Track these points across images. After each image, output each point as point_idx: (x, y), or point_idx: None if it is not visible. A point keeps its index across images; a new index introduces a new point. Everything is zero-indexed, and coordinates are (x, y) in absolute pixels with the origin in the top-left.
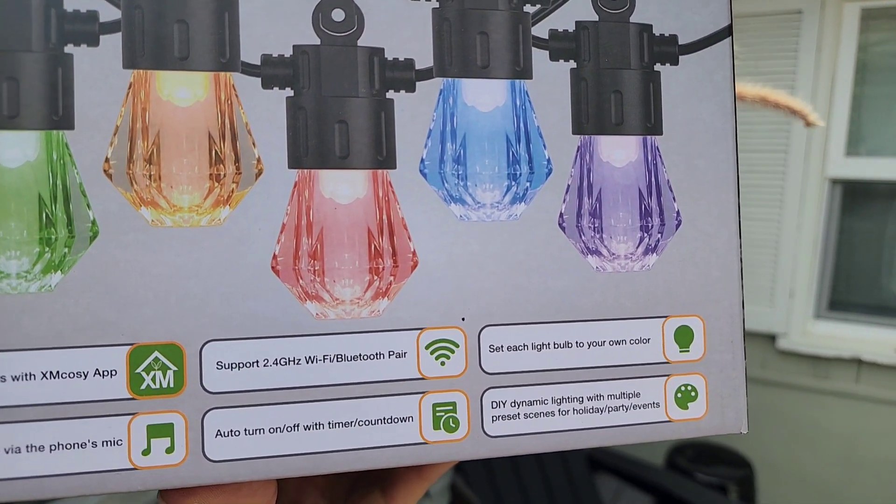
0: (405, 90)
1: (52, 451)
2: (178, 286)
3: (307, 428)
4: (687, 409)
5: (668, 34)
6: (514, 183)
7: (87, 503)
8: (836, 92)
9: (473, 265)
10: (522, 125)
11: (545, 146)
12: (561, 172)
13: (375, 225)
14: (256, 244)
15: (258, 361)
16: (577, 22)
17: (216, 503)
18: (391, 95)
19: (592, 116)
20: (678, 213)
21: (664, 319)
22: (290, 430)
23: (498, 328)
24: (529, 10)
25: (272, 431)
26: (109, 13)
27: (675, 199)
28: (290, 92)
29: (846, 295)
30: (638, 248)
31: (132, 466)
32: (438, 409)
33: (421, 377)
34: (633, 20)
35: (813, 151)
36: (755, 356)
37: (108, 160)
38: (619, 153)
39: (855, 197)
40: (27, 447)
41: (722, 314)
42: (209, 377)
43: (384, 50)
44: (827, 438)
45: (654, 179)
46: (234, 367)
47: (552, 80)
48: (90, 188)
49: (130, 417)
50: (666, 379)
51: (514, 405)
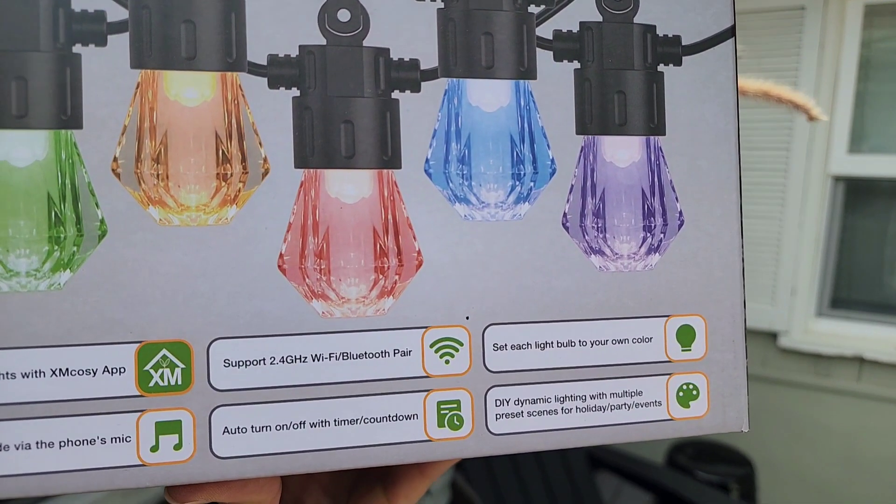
0: (410, 90)
1: (61, 447)
2: (185, 285)
3: (313, 425)
4: (688, 407)
5: (671, 35)
6: (518, 183)
7: (85, 498)
8: (839, 89)
9: (478, 264)
10: (526, 125)
11: (549, 146)
12: (565, 172)
13: (381, 224)
14: (263, 243)
15: (265, 359)
16: (581, 22)
17: (222, 499)
18: (396, 95)
19: (596, 117)
20: (681, 213)
21: (666, 319)
22: (296, 427)
23: (502, 327)
24: (534, 10)
25: (279, 429)
26: (117, 13)
27: (677, 199)
28: (296, 92)
29: (848, 293)
30: (641, 247)
31: (140, 463)
32: (443, 406)
33: (425, 375)
34: (636, 21)
35: (815, 148)
36: (756, 354)
37: (116, 159)
38: (622, 153)
39: (857, 194)
40: (37, 444)
41: (724, 314)
42: (216, 375)
43: (390, 50)
44: (828, 437)
45: (657, 180)
46: (241, 364)
47: (556, 80)
48: (98, 187)
49: (139, 414)
50: (668, 378)
51: (517, 403)
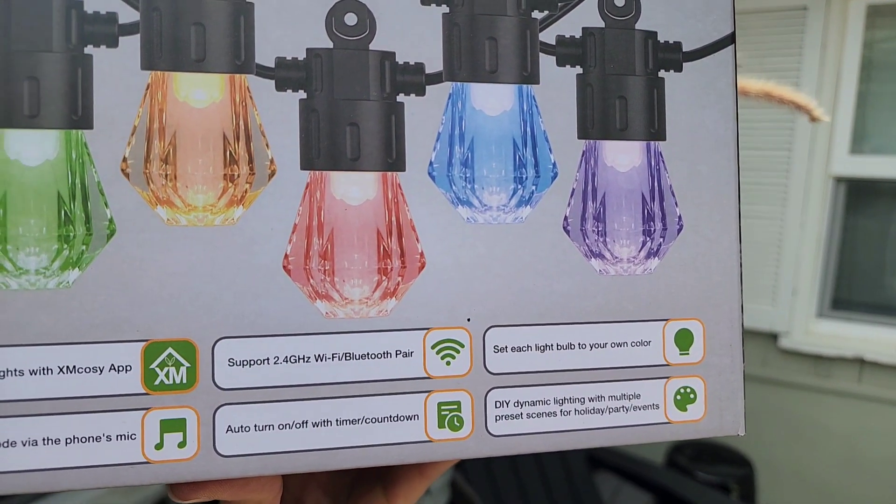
0: (415, 94)
1: (67, 444)
2: (191, 284)
3: (315, 425)
4: (686, 410)
5: (672, 41)
6: (520, 186)
7: (84, 495)
8: (840, 89)
9: (480, 267)
10: (529, 129)
11: (551, 150)
12: (566, 176)
13: (384, 226)
14: (269, 244)
15: (269, 359)
16: (583, 28)
17: (225, 496)
18: (401, 99)
19: (597, 121)
20: (680, 217)
21: (665, 322)
22: (298, 426)
23: (503, 329)
24: (538, 15)
25: (281, 428)
26: (128, 15)
27: (677, 203)
28: (303, 94)
29: (849, 294)
30: (640, 251)
31: (145, 460)
32: (443, 407)
33: (427, 376)
34: (638, 27)
35: (817, 149)
36: (757, 355)
37: (125, 159)
38: (623, 158)
39: (859, 195)
40: (43, 440)
41: (722, 318)
42: (221, 374)
43: (395, 54)
44: (828, 438)
45: (656, 184)
46: (245, 364)
47: (559, 85)
48: (108, 187)
49: (144, 412)
50: (666, 381)
51: (517, 405)
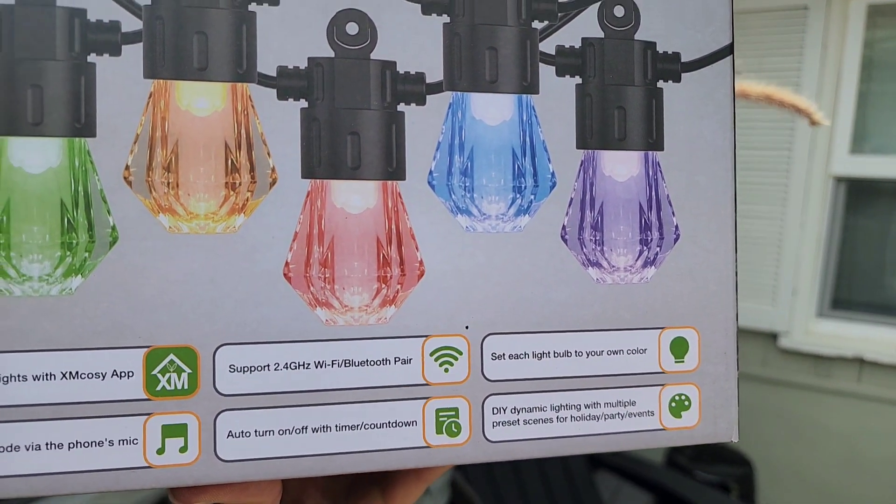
0: (416, 103)
1: (70, 448)
2: (193, 291)
3: (315, 430)
4: (680, 417)
5: (671, 52)
6: (519, 195)
7: (82, 497)
8: (841, 89)
9: (478, 275)
10: (528, 139)
11: (550, 160)
12: (564, 186)
13: (384, 234)
14: (269, 251)
15: (269, 365)
16: (583, 38)
17: (225, 500)
18: (402, 108)
19: (596, 131)
20: (677, 227)
21: (661, 331)
22: (298, 432)
23: (500, 337)
24: (538, 26)
25: (282, 433)
26: (131, 24)
27: (674, 213)
28: (304, 103)
29: (849, 294)
30: (637, 260)
31: (147, 465)
32: (441, 414)
33: (425, 383)
34: (637, 37)
35: (817, 149)
36: (757, 355)
37: (128, 167)
38: (621, 168)
39: (859, 195)
40: (46, 444)
41: (717, 327)
42: (222, 380)
43: (396, 63)
44: (828, 438)
45: (654, 194)
46: (245, 370)
47: (558, 95)
48: (110, 194)
49: (146, 417)
50: (661, 388)
51: (514, 411)
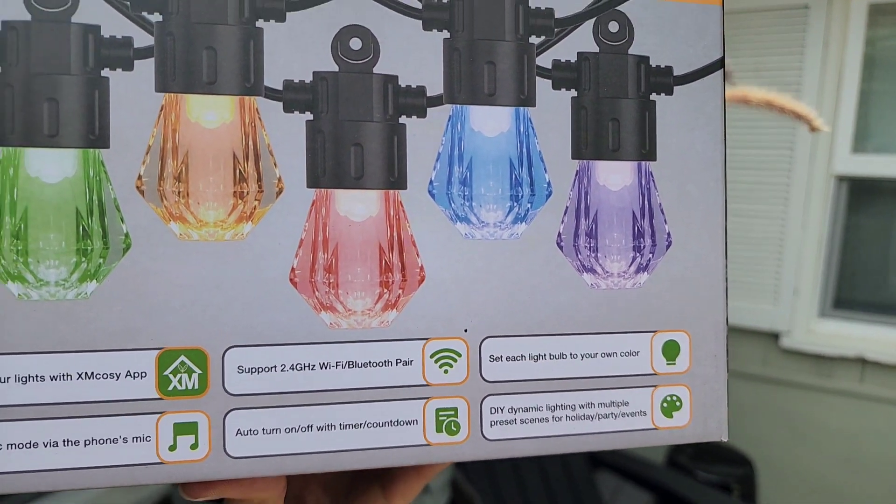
0: (417, 116)
1: (86, 445)
2: (203, 296)
3: (320, 429)
4: (672, 417)
5: (664, 66)
6: (516, 204)
7: (86, 494)
8: (842, 88)
9: (477, 280)
10: (525, 150)
11: (546, 170)
12: (560, 195)
13: (386, 241)
14: (276, 258)
15: (276, 367)
16: (578, 53)
17: (233, 495)
18: (404, 120)
19: (591, 143)
20: (669, 234)
21: (653, 334)
22: (304, 430)
23: (498, 339)
24: (535, 41)
25: (288, 431)
26: (143, 40)
27: (666, 221)
28: (309, 116)
29: (851, 293)
30: (630, 266)
31: (159, 461)
32: (441, 413)
33: (425, 384)
34: (631, 52)
35: (819, 148)
36: (758, 354)
37: (140, 177)
38: (615, 177)
39: (861, 194)
40: (64, 442)
41: (707, 330)
42: (231, 380)
43: (398, 77)
44: (829, 438)
45: (647, 203)
46: (253, 371)
47: (554, 107)
48: (124, 203)
49: (158, 416)
50: (653, 389)
51: (511, 411)
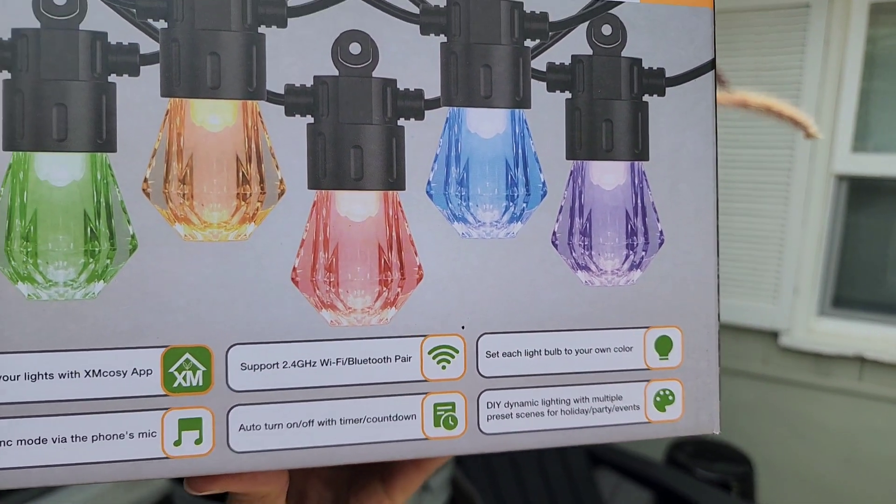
0: (415, 118)
1: (93, 441)
2: (207, 295)
3: (321, 424)
4: (664, 411)
5: (656, 67)
6: (511, 204)
7: (89, 490)
8: (843, 86)
9: (474, 278)
10: (521, 151)
11: (541, 170)
12: (555, 194)
13: (385, 241)
14: (278, 258)
15: (278, 363)
16: (573, 56)
17: (236, 489)
18: (402, 123)
19: (585, 143)
20: (661, 232)
21: (646, 330)
22: (305, 425)
23: (494, 336)
24: (530, 44)
25: (290, 426)
26: (149, 46)
27: (658, 219)
28: (310, 119)
29: (850, 292)
30: (624, 264)
31: (165, 456)
32: (439, 408)
33: (424, 379)
34: (624, 54)
35: (819, 147)
36: (757, 353)
37: (146, 180)
38: (608, 177)
39: (861, 193)
40: (72, 437)
41: (699, 326)
42: (234, 377)
43: (396, 81)
44: (828, 436)
45: (640, 202)
46: (256, 368)
47: (549, 109)
48: (130, 205)
49: (164, 412)
50: (646, 384)
51: (507, 406)
